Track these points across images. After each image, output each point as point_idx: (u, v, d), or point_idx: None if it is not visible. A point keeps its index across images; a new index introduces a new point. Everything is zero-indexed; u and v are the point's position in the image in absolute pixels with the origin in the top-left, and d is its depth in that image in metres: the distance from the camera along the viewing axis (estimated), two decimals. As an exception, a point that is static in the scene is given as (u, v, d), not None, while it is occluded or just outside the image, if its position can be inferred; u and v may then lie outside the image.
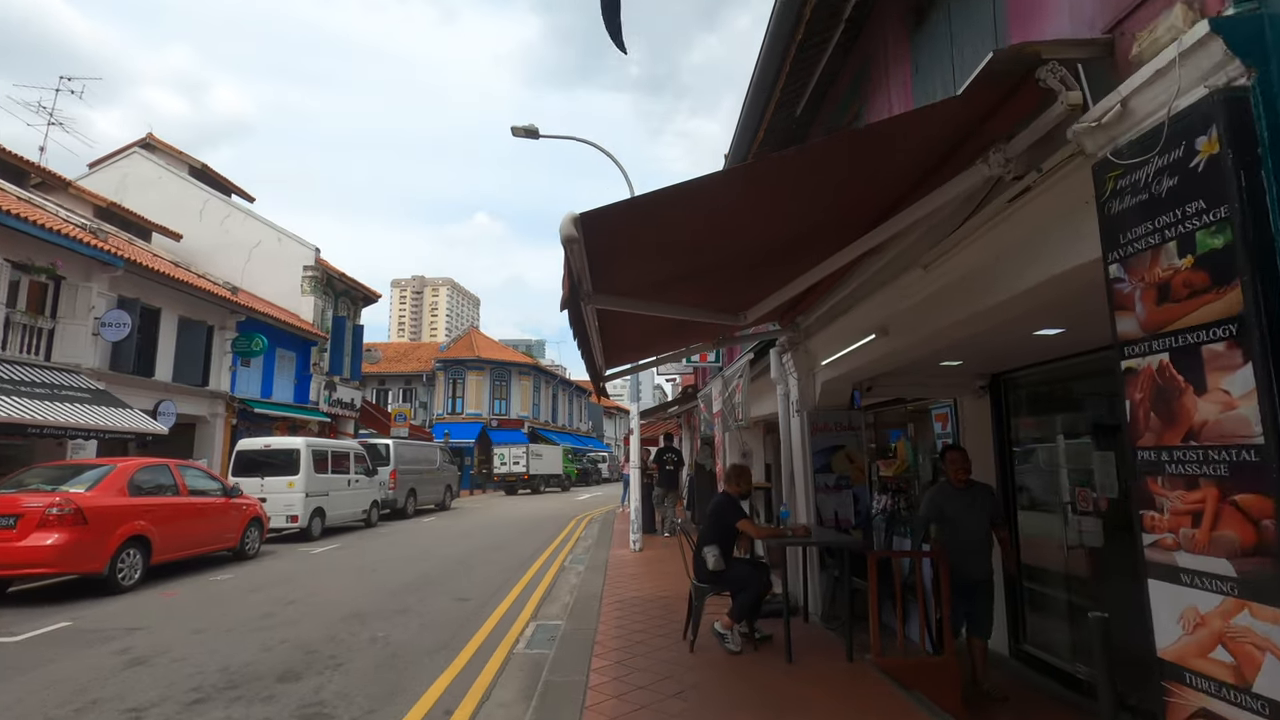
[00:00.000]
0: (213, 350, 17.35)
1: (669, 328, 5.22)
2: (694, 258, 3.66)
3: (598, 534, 14.07)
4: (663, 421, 22.95)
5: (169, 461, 9.76)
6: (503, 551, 11.85)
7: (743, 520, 5.30)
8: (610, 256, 3.09)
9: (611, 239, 2.89)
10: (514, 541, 13.28)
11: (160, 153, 24.24)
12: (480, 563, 10.65)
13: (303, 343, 21.77)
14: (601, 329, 4.32)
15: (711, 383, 7.82)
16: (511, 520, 18.07)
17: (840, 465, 6.26)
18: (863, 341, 4.94)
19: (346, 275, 24.55)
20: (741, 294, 4.49)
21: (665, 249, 3.44)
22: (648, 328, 5.08)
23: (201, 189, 23.52)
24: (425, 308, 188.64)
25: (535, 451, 34.06)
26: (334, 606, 7.50)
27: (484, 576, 9.38)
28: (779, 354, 6.81)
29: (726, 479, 5.71)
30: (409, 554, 11.66)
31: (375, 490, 16.69)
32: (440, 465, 21.52)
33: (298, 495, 13.33)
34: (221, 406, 17.59)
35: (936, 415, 7.43)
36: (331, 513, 14.37)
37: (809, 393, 6.42)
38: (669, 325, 5.09)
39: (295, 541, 13.32)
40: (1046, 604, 5.45)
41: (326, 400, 22.73)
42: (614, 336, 4.98)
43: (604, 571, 8.99)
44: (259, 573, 9.84)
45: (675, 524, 12.66)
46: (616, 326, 4.67)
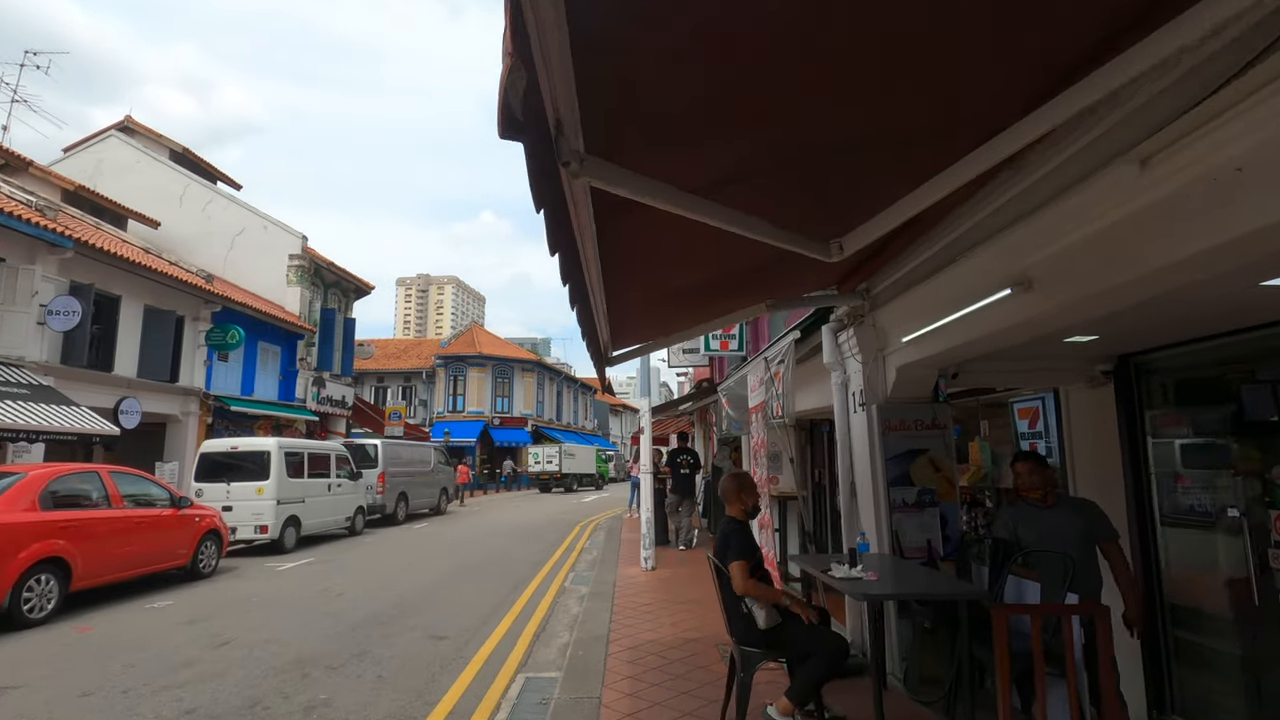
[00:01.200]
0: (184, 343, 15.94)
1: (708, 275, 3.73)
2: (770, 116, 2.14)
3: (604, 544, 12.59)
4: (673, 419, 21.45)
5: (99, 467, 8.33)
6: (495, 567, 10.39)
7: (734, 561, 3.78)
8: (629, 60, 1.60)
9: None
10: (509, 554, 11.83)
11: (140, 136, 22.90)
12: (468, 581, 9.19)
13: (288, 336, 20.37)
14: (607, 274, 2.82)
15: (744, 370, 6.31)
16: (510, 527, 16.62)
17: (922, 475, 4.76)
18: (982, 304, 3.43)
19: (336, 265, 23.14)
20: (834, 205, 2.96)
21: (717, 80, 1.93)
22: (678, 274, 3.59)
23: (183, 174, 22.15)
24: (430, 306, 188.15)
25: (568, 451, 34.91)
26: (277, 648, 6.04)
27: (469, 602, 7.92)
28: (833, 331, 5.31)
29: (726, 495, 4.16)
30: (388, 570, 10.21)
31: (360, 495, 15.26)
32: (435, 467, 20.09)
33: (267, 503, 11.90)
34: (195, 404, 16.20)
35: (1020, 410, 5.93)
36: (308, 521, 12.94)
37: (878, 382, 4.92)
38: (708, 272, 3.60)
39: (266, 554, 11.90)
40: (1203, 658, 3.97)
41: (315, 397, 21.33)
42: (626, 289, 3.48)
43: (610, 598, 7.50)
44: (205, 598, 8.40)
45: (692, 536, 11.16)
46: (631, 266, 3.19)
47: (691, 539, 11.10)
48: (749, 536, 3.93)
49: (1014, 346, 4.12)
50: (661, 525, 11.23)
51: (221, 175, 24.46)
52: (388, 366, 39.89)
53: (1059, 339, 4.10)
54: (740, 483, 4.10)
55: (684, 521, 11.06)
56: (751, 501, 4.05)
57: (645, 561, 9.13)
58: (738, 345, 9.93)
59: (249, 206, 22.43)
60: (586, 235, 2.47)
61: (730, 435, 10.77)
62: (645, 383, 9.14)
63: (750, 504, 4.04)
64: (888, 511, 4.71)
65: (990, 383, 5.41)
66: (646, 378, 9.13)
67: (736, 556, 3.77)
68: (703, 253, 3.36)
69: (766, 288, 4.22)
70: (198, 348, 16.45)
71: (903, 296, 4.46)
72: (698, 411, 17.67)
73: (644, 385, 9.21)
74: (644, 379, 9.17)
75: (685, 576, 8.76)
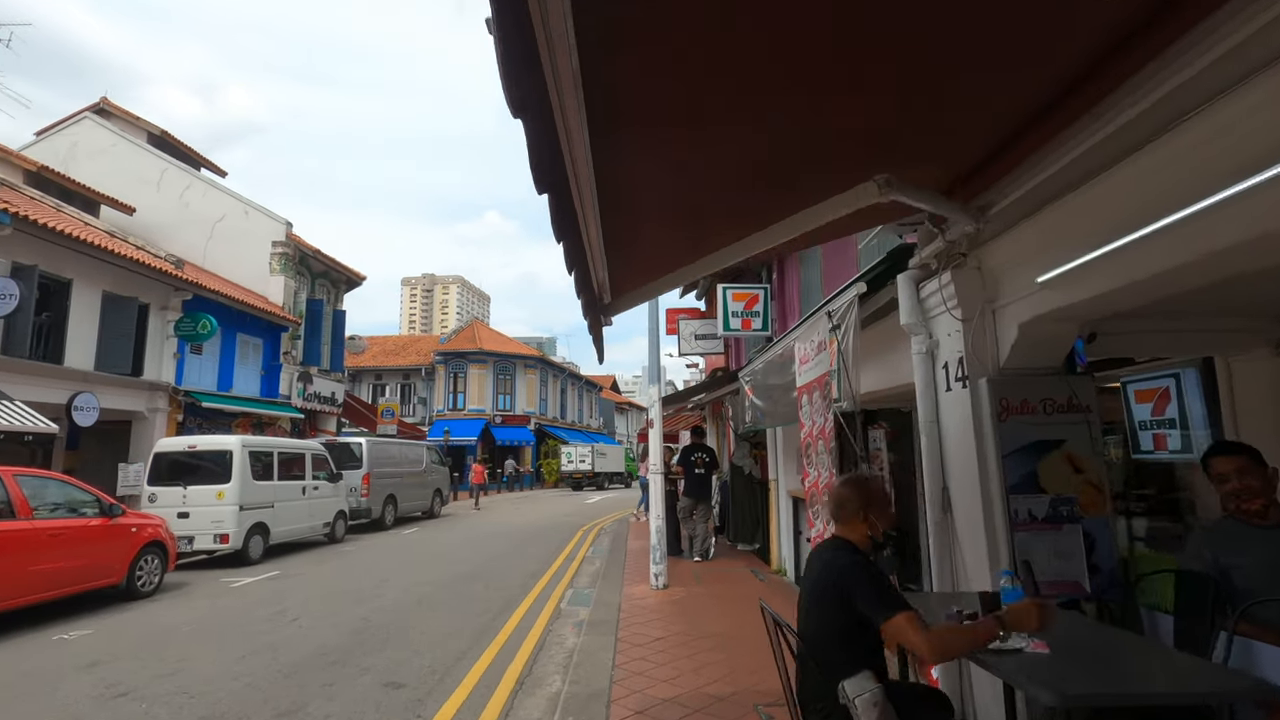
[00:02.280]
0: (149, 333, 14.62)
1: (750, 160, 2.33)
2: None
3: (607, 553, 11.20)
4: (682, 414, 20.03)
5: (2, 470, 6.98)
6: (481, 582, 9.00)
7: (897, 614, 2.25)
8: None
9: None
10: (502, 565, 10.44)
11: (116, 119, 21.64)
12: (449, 600, 7.81)
13: (270, 328, 19.05)
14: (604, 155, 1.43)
15: (786, 338, 4.88)
16: (506, 532, 15.24)
17: (1057, 478, 3.34)
18: (1199, 207, 2.03)
19: (323, 253, 21.80)
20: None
21: None
22: (706, 159, 2.19)
23: (161, 158, 20.87)
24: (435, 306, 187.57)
25: (600, 451, 36.30)
26: (182, 704, 4.68)
27: (445, 629, 6.54)
28: (914, 282, 3.89)
29: (842, 509, 2.57)
30: (361, 585, 8.85)
31: (342, 499, 13.91)
32: (427, 467, 18.73)
33: (228, 508, 10.55)
34: (163, 400, 14.87)
35: (1139, 393, 4.54)
36: (278, 528, 11.59)
37: (987, 346, 3.50)
38: (750, 154, 2.20)
39: (227, 566, 10.56)
40: None
41: (300, 394, 19.99)
42: (632, 187, 2.09)
43: (614, 629, 6.10)
44: (132, 626, 7.05)
45: (708, 546, 9.75)
46: (638, 142, 1.80)
47: (708, 549, 9.70)
48: (880, 573, 2.44)
49: (1190, 292, 2.72)
50: (673, 533, 9.84)
51: (205, 161, 23.19)
52: (386, 364, 38.65)
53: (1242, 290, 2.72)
54: (865, 491, 2.54)
55: (699, 529, 9.65)
56: (885, 522, 2.52)
57: (655, 578, 7.73)
58: (761, 324, 8.52)
59: (230, 192, 21.14)
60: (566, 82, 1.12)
61: (752, 430, 9.36)
62: (654, 367, 7.73)
63: (884, 525, 2.52)
64: (1007, 530, 3.29)
65: (1133, 350, 3.98)
66: (656, 361, 7.72)
67: (890, 606, 2.27)
68: (746, 119, 1.98)
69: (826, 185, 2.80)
70: (166, 339, 15.13)
71: (1034, 219, 3.04)
72: (711, 405, 16.24)
73: (653, 371, 7.80)
74: (653, 363, 7.76)
75: (703, 598, 7.35)
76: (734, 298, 8.53)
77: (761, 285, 8.74)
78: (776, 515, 8.52)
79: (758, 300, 8.54)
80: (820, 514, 3.87)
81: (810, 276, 7.66)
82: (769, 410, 6.95)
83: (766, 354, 6.65)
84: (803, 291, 7.89)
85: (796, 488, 8.13)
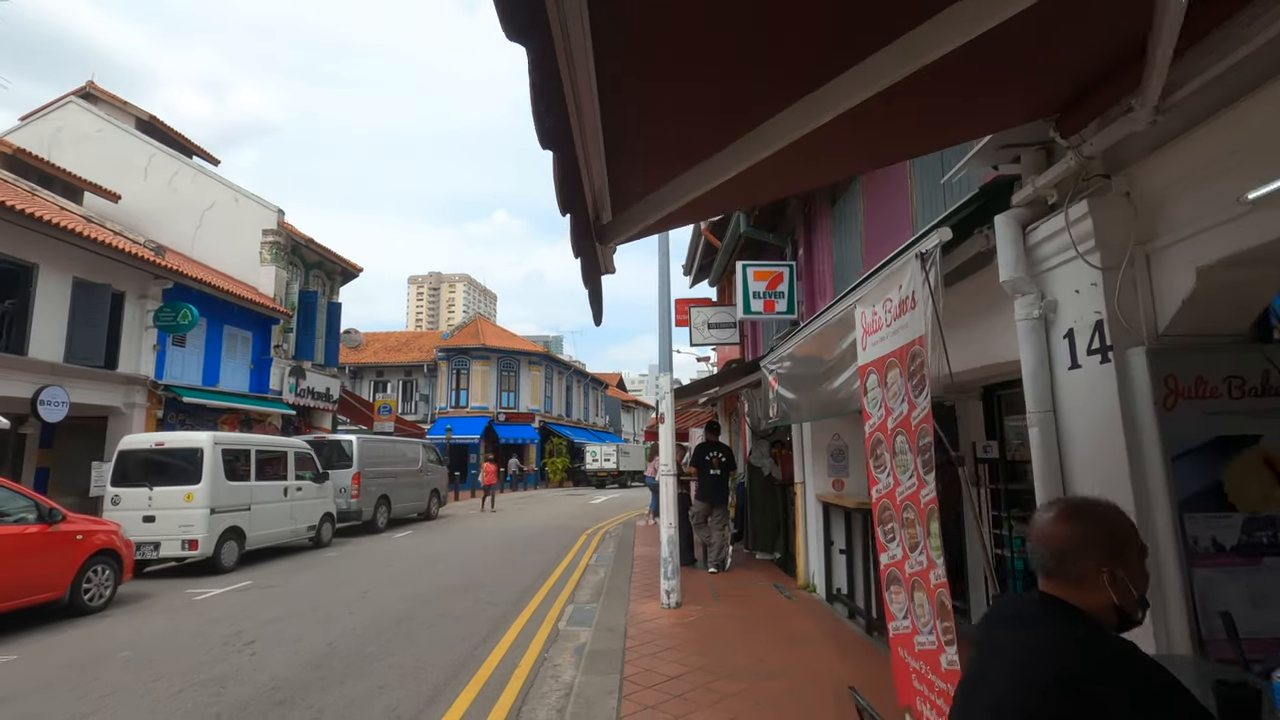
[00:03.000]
0: (124, 323, 13.74)
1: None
2: None
3: (613, 560, 10.25)
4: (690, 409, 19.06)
5: (-86, 471, 6.08)
6: (472, 595, 8.05)
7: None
8: None
9: None
10: (496, 574, 9.49)
11: (103, 104, 20.82)
12: (429, 621, 6.85)
13: (260, 320, 18.17)
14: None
15: (841, 310, 3.85)
16: (505, 536, 14.29)
17: (1251, 490, 2.34)
18: None
19: (317, 243, 20.89)
20: None
21: None
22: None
23: (149, 144, 20.03)
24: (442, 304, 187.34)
25: (624, 450, 37.93)
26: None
27: (420, 658, 5.59)
28: (1018, 224, 2.90)
29: (1066, 560, 1.33)
30: (338, 599, 7.91)
31: (328, 500, 12.99)
32: (424, 466, 17.80)
33: (198, 511, 9.65)
34: (141, 394, 13.99)
35: None
36: (256, 533, 10.68)
37: (1139, 303, 2.50)
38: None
39: (197, 575, 9.65)
40: None
41: (292, 389, 19.10)
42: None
43: (619, 663, 5.12)
44: (63, 650, 6.13)
45: (725, 556, 8.76)
46: None
47: (725, 559, 8.71)
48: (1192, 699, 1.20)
49: None
50: (686, 541, 8.86)
51: (196, 148, 22.35)
52: (388, 360, 37.89)
53: None
54: (1109, 531, 1.35)
55: (715, 536, 8.65)
56: (1141, 582, 1.33)
57: (667, 595, 6.74)
58: (786, 306, 7.52)
59: (220, 179, 20.29)
60: None
61: (773, 426, 8.36)
62: (665, 350, 6.75)
63: (1140, 588, 1.32)
64: (1180, 565, 2.29)
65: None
66: (668, 342, 6.73)
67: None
68: None
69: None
70: (145, 329, 14.25)
71: (1246, 103, 2.04)
72: (723, 401, 15.26)
73: (664, 356, 6.81)
74: (664, 347, 6.77)
75: (723, 621, 6.37)
76: (755, 276, 7.53)
77: (786, 262, 7.74)
78: (803, 523, 7.53)
79: (782, 279, 7.55)
80: (895, 535, 2.87)
81: (846, 251, 6.66)
82: (799, 403, 5.96)
83: (799, 335, 5.66)
84: (837, 268, 6.89)
85: (827, 491, 7.13)
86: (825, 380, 4.76)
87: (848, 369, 3.81)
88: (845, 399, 4.07)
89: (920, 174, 4.91)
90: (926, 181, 4.78)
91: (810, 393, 5.52)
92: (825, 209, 7.18)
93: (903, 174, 5.10)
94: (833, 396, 4.57)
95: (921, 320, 2.55)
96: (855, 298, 3.46)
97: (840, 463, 7.22)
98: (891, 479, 2.86)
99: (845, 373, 4.08)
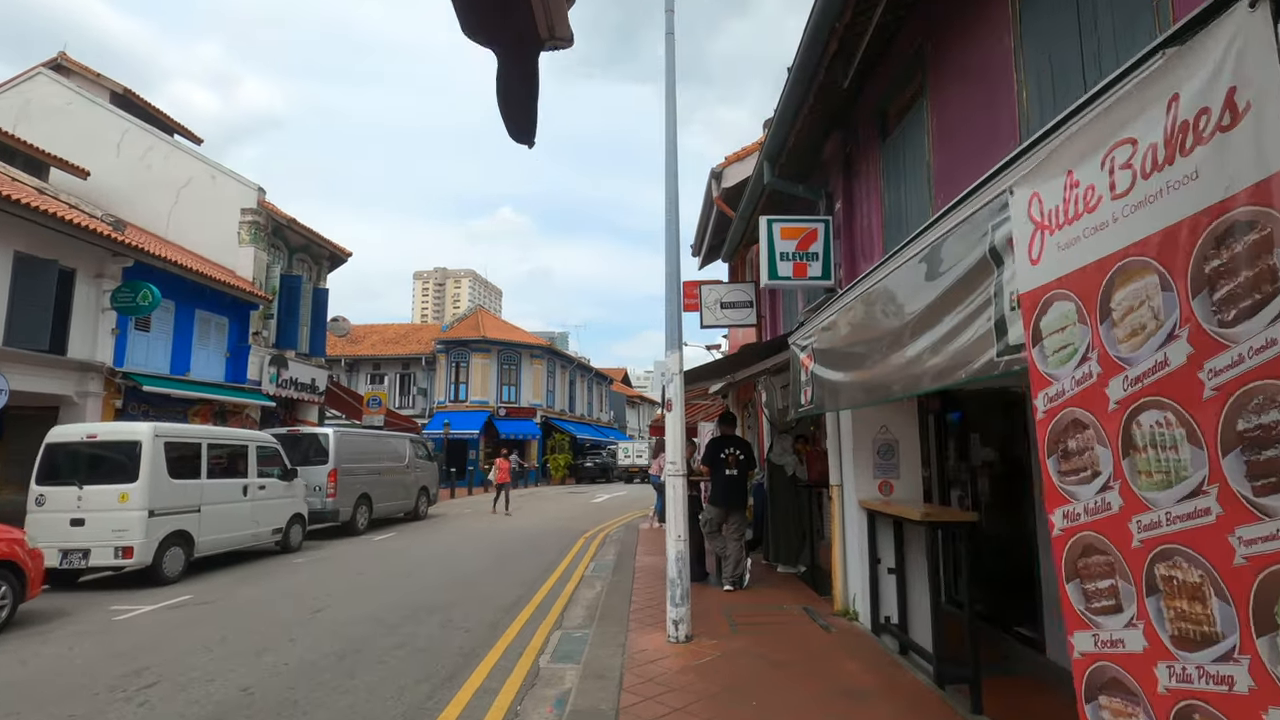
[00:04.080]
0: (75, 304, 12.48)
1: None
2: None
3: (612, 570, 8.93)
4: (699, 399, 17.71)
5: None
6: (440, 618, 6.74)
7: None
8: None
9: None
10: (476, 588, 8.18)
11: (76, 76, 19.60)
12: (381, 654, 5.54)
13: (237, 305, 16.91)
14: None
15: (1001, 191, 2.44)
16: (496, 538, 12.98)
17: None
18: None
19: (301, 223, 19.60)
20: None
21: None
22: None
23: (123, 118, 18.80)
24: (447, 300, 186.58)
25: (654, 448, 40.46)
26: None
27: (355, 711, 4.29)
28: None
29: None
30: (277, 623, 6.61)
31: (299, 499, 11.71)
32: (411, 462, 16.51)
33: (134, 513, 8.38)
34: (96, 383, 12.74)
35: None
36: (208, 537, 9.41)
37: None
38: None
39: (134, 587, 8.38)
40: None
41: (273, 380, 17.84)
42: None
43: (612, 729, 3.79)
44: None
45: (743, 571, 7.43)
46: None
47: (743, 575, 7.36)
48: None
49: None
50: (697, 553, 7.52)
51: (176, 125, 21.08)
52: (385, 352, 36.67)
53: None
54: None
55: (731, 547, 7.30)
56: None
57: (674, 626, 5.40)
58: (821, 270, 6.15)
59: (197, 154, 19.08)
60: None
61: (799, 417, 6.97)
62: (674, 324, 5.38)
63: None
64: None
65: None
66: (677, 313, 5.35)
67: None
68: None
69: None
70: (102, 312, 13.00)
71: None
72: (734, 392, 13.90)
73: (672, 330, 5.45)
74: (672, 317, 5.41)
75: (746, 663, 5.02)
76: (782, 234, 6.16)
77: (821, 218, 6.37)
78: (840, 534, 6.18)
79: (815, 237, 6.18)
80: (1124, 604, 1.51)
81: (903, 196, 5.29)
82: (840, 386, 4.62)
83: (848, 294, 4.31)
84: (889, 219, 5.53)
85: (873, 496, 5.79)
86: (892, 349, 3.42)
87: (897, 344, 2.47)
88: (944, 367, 2.72)
89: (1030, 48, 3.53)
90: (1046, 59, 3.41)
91: (861, 369, 4.18)
92: (873, 147, 5.81)
93: (1004, 63, 3.73)
94: (905, 371, 3.23)
95: (1251, 145, 1.20)
96: (1011, 175, 2.08)
97: (889, 460, 5.87)
98: (1116, 495, 1.52)
99: (895, 350, 2.74)
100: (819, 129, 6.36)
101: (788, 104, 5.78)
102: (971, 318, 2.39)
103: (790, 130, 6.11)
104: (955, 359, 2.59)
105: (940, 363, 2.74)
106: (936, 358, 2.81)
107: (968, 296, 2.43)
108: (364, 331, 39.17)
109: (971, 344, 2.54)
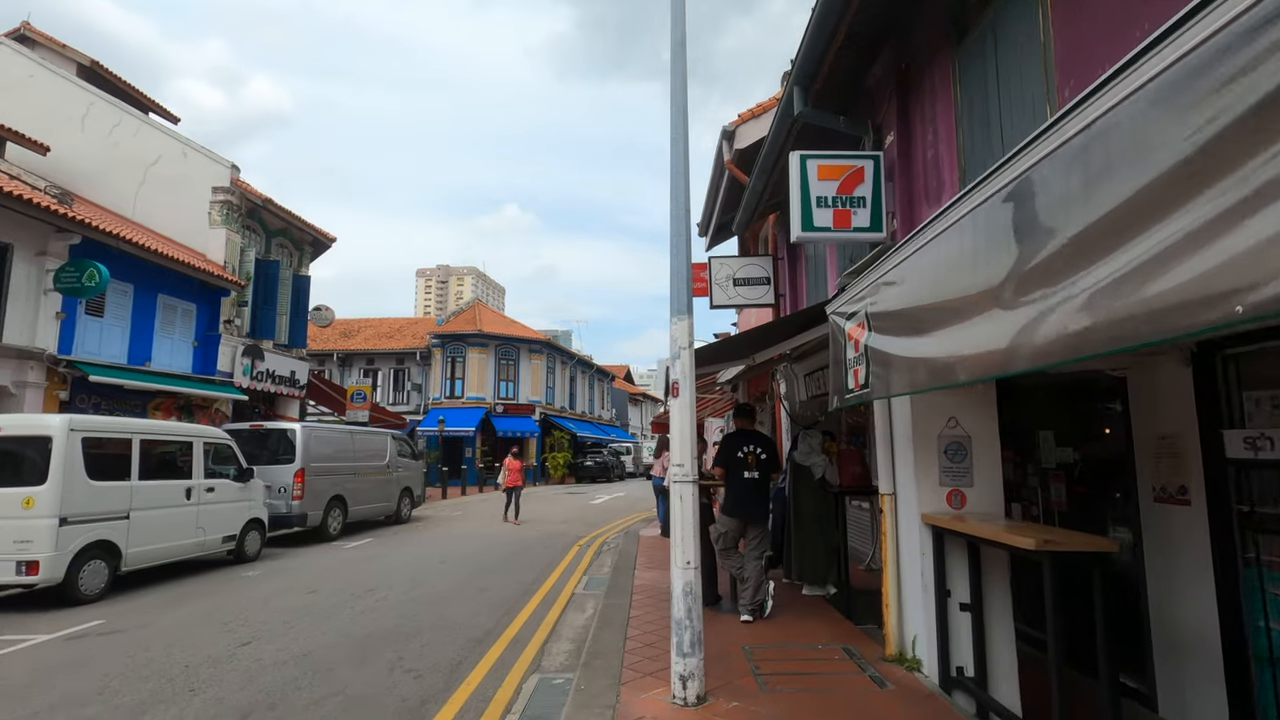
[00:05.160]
0: (12, 284, 11.21)
1: None
2: None
3: (605, 589, 7.62)
4: (707, 397, 16.39)
5: None
6: (390, 656, 5.42)
7: None
8: None
9: None
10: (443, 611, 6.87)
11: (41, 48, 18.35)
12: (301, 712, 4.23)
13: (206, 290, 15.64)
14: None
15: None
16: (479, 547, 11.65)
17: None
18: None
19: (277, 205, 18.27)
20: None
21: None
22: None
23: (90, 92, 17.56)
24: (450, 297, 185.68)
25: None
26: None
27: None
28: None
29: None
30: (182, 664, 5.30)
31: (257, 503, 10.40)
32: (392, 461, 15.21)
33: (41, 522, 7.09)
34: (37, 372, 11.48)
35: None
36: (139, 548, 8.12)
37: None
38: None
39: (41, 608, 7.10)
40: None
41: (247, 372, 16.57)
42: None
43: None
44: None
45: (765, 596, 6.09)
46: None
47: (765, 602, 6.03)
48: None
49: None
50: (708, 572, 6.19)
51: (151, 103, 19.74)
52: (379, 347, 35.39)
53: None
54: None
55: (750, 568, 5.95)
56: None
57: (681, 684, 4.06)
58: (869, 220, 4.82)
59: (168, 130, 17.81)
60: None
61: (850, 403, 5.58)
62: (681, 283, 4.05)
63: None
64: None
65: None
66: (686, 267, 4.03)
67: None
68: None
69: None
70: (44, 293, 11.72)
71: None
72: (746, 384, 12.55)
73: (679, 291, 4.12)
74: (677, 273, 4.08)
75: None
76: (819, 173, 4.82)
77: (869, 154, 5.03)
78: (893, 556, 4.84)
79: (862, 177, 4.84)
80: None
81: (992, 114, 3.95)
82: (907, 364, 3.32)
83: (925, 234, 2.98)
84: (967, 148, 4.19)
85: (940, 510, 4.46)
86: (1052, 278, 2.10)
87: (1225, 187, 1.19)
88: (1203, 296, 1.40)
89: None
90: None
91: (936, 340, 2.89)
92: (942, 54, 4.46)
93: None
94: (1103, 307, 1.92)
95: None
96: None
97: (960, 463, 4.53)
98: None
99: (1203, 207, 1.44)
100: (864, 44, 5.02)
101: (828, 3, 4.44)
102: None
103: (829, 44, 4.77)
104: (1232, 274, 1.26)
105: (1196, 285, 1.41)
106: (1183, 276, 1.47)
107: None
108: (358, 325, 37.96)
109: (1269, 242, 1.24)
